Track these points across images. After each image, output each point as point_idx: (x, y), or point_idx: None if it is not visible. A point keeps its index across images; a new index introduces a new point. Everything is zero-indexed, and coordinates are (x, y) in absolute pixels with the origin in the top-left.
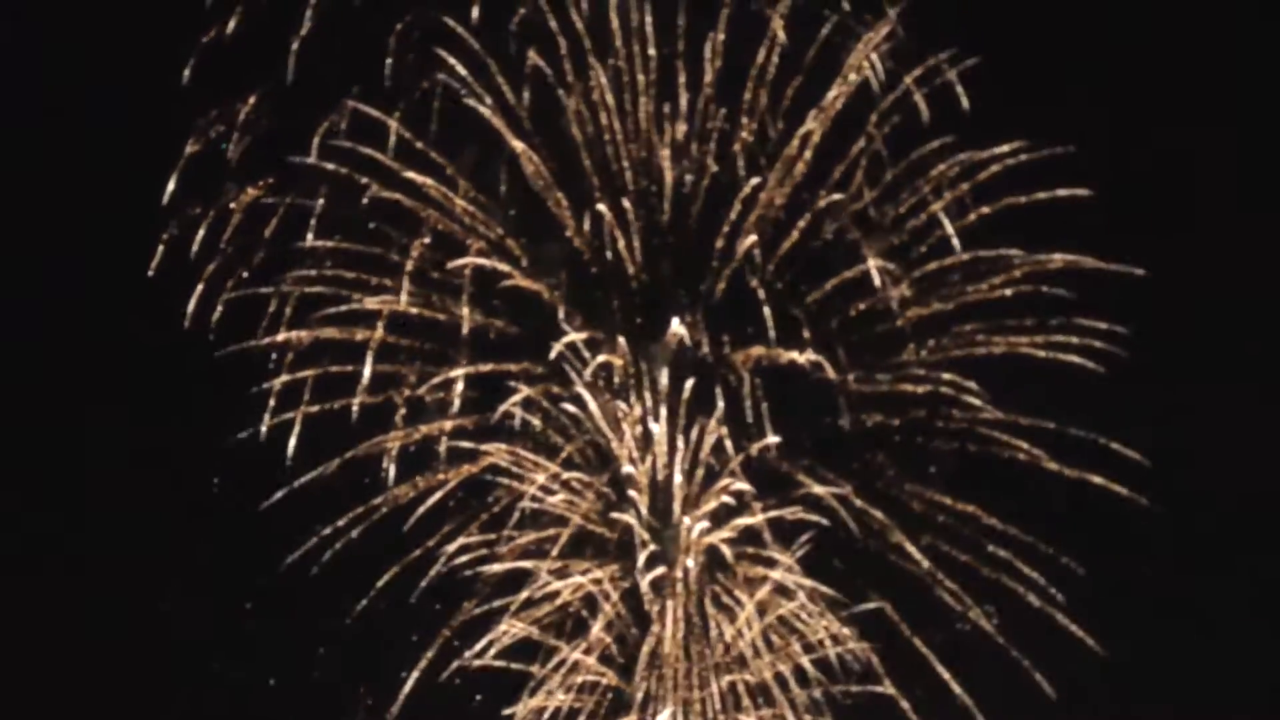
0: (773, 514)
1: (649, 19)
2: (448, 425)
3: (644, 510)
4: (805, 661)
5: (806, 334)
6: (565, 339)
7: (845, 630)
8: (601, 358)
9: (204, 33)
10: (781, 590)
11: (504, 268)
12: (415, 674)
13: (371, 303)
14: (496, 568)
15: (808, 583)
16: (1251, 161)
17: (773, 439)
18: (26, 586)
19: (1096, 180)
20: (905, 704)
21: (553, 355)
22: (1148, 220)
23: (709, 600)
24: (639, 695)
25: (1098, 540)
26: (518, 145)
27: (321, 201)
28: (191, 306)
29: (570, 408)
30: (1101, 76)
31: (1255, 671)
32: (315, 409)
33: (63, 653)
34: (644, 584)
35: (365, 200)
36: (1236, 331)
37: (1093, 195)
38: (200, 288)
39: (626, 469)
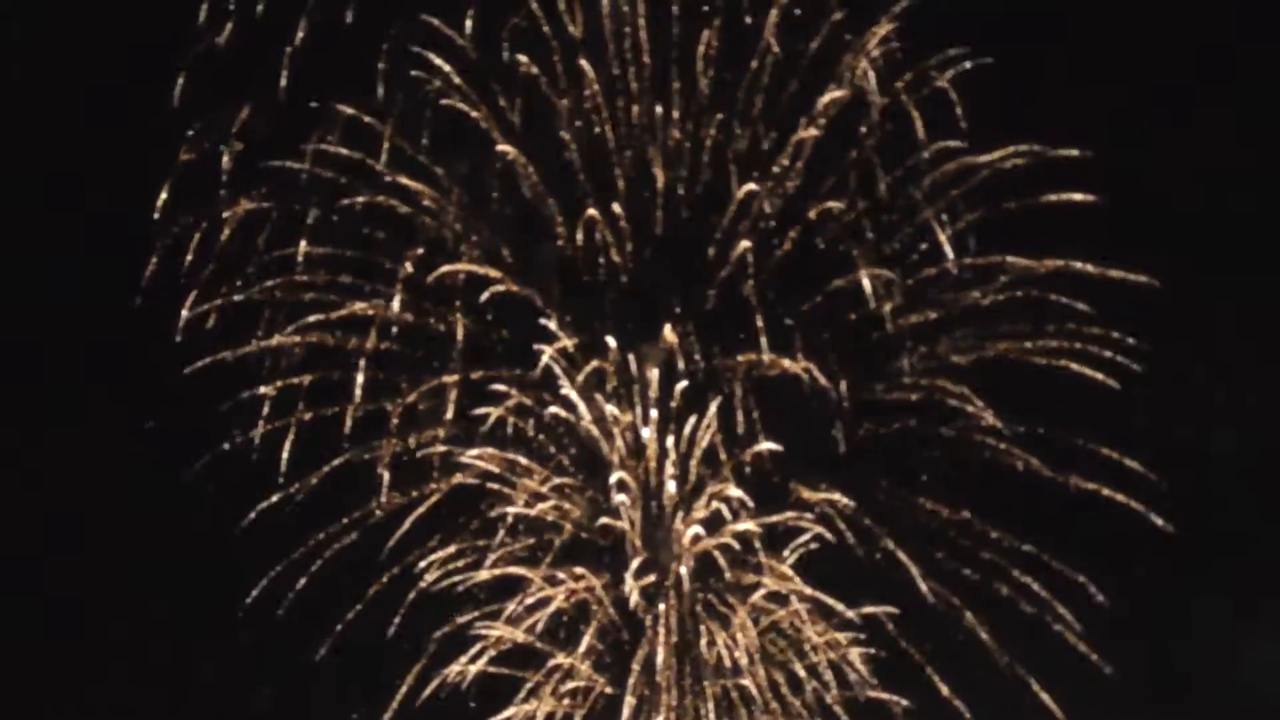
0: (765, 520)
1: (642, 23)
2: (440, 433)
3: (636, 516)
4: (799, 668)
5: (799, 342)
6: (557, 345)
7: (839, 637)
8: (593, 364)
9: (198, 43)
10: (775, 597)
11: (496, 273)
12: (408, 681)
13: (362, 308)
14: (487, 575)
15: (802, 589)
16: (1259, 164)
17: (765, 445)
18: (24, 588)
19: (1104, 186)
20: (899, 712)
21: (544, 361)
22: (1156, 228)
23: (701, 607)
24: (632, 701)
25: (1094, 546)
26: (510, 151)
27: (314, 210)
28: (184, 315)
29: (562, 413)
30: (1107, 78)
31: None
32: (309, 416)
33: (58, 657)
34: (635, 590)
35: (358, 208)
36: (1243, 337)
37: (1100, 201)
38: (192, 296)
39: (618, 475)
